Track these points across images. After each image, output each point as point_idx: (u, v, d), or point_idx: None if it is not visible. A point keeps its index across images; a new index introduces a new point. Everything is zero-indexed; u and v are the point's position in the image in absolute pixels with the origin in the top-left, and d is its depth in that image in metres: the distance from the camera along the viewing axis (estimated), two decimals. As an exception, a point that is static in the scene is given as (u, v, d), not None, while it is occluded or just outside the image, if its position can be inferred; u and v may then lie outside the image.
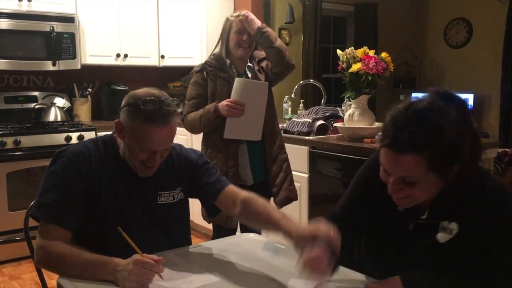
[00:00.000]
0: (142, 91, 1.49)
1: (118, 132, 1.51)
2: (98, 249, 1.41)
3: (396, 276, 1.24)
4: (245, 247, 1.67)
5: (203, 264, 1.51)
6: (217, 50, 2.54)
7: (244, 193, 1.63)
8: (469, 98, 5.67)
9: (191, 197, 1.70)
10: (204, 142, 2.52)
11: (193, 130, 2.50)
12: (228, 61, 2.49)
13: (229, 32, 2.46)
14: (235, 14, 2.48)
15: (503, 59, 5.74)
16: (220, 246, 1.67)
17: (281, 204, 2.52)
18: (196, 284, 1.35)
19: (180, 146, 1.70)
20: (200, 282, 1.36)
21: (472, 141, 1.20)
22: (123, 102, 1.49)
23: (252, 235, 1.81)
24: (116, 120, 1.51)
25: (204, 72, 2.46)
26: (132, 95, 1.49)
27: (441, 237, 1.27)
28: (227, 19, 2.51)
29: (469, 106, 5.64)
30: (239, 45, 2.43)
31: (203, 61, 2.56)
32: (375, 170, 1.31)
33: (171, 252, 1.55)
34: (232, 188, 1.66)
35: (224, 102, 2.33)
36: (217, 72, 2.46)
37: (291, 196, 2.56)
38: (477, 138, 1.26)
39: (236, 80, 2.37)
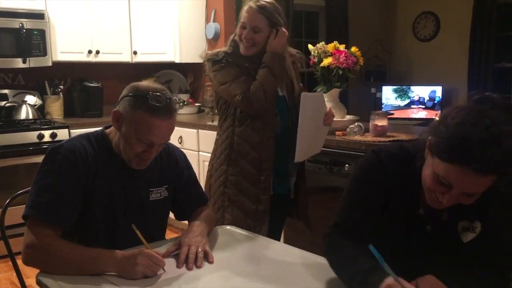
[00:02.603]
0: (146, 84, 1.52)
1: (115, 122, 1.52)
2: (88, 244, 1.42)
3: (428, 275, 1.22)
4: (223, 238, 1.71)
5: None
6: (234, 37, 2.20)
7: (204, 212, 1.72)
8: (438, 90, 5.82)
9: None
10: (229, 137, 2.17)
11: (266, 97, 2.06)
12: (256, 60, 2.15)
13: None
14: (250, 3, 2.13)
15: (469, 52, 5.90)
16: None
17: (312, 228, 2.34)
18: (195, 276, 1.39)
19: (169, 145, 1.72)
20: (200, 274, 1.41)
21: None
22: (124, 92, 1.51)
23: (228, 227, 1.86)
24: (114, 109, 1.51)
25: (230, 65, 2.12)
26: (136, 86, 1.51)
27: (465, 236, 1.30)
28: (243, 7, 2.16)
29: (438, 99, 5.80)
30: (241, 40, 2.12)
31: (220, 49, 2.19)
32: (385, 170, 1.33)
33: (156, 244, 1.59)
34: (202, 207, 1.76)
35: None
36: (240, 62, 2.13)
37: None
38: None
39: (303, 95, 2.07)
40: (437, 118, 1.24)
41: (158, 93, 1.47)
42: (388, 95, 6.11)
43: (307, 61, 2.69)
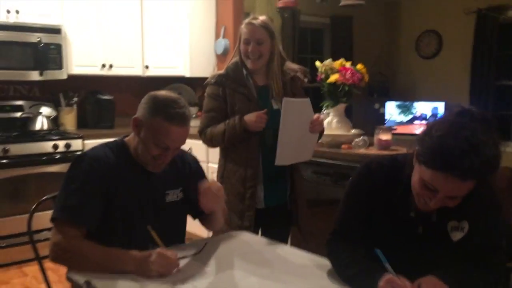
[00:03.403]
0: (162, 92, 1.67)
1: (135, 127, 1.65)
2: (106, 244, 1.54)
3: (429, 276, 1.34)
4: (236, 241, 1.82)
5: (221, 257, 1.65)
6: (236, 58, 2.33)
7: None
8: (440, 106, 5.95)
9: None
10: (223, 157, 2.37)
11: (213, 144, 2.34)
12: (245, 72, 2.29)
13: (240, 40, 2.27)
14: (246, 20, 2.27)
15: (471, 70, 6.04)
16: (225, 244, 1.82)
17: (308, 239, 2.38)
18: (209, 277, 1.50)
19: (183, 152, 1.85)
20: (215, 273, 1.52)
21: None
22: (144, 100, 1.65)
23: (242, 232, 1.97)
24: (134, 116, 1.65)
25: (221, 87, 2.28)
26: (155, 95, 1.65)
27: (454, 235, 1.43)
28: (241, 25, 2.30)
29: (440, 115, 5.92)
30: (247, 57, 2.24)
31: (218, 72, 2.36)
32: (373, 180, 1.49)
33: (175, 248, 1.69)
34: None
35: (253, 117, 2.16)
36: (235, 86, 2.27)
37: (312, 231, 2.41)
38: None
39: (284, 101, 2.13)
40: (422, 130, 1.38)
41: (175, 102, 1.61)
42: (391, 110, 6.24)
43: (312, 76, 2.79)
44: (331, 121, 3.12)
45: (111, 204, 1.63)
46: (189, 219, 1.89)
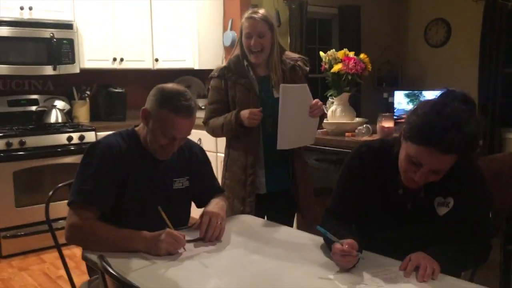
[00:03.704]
0: (169, 85, 1.76)
1: (143, 118, 1.76)
2: (122, 227, 1.64)
3: (419, 251, 1.44)
4: (240, 223, 1.92)
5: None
6: (238, 51, 2.40)
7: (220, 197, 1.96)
8: (449, 94, 5.96)
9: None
10: (227, 146, 2.48)
11: (215, 135, 2.46)
12: (245, 63, 2.36)
13: (242, 34, 2.34)
14: (246, 15, 2.34)
15: (479, 58, 6.04)
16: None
17: (310, 223, 2.40)
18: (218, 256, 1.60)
19: (190, 142, 1.96)
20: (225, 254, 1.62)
21: None
22: (152, 93, 1.75)
23: (246, 216, 2.07)
24: (143, 107, 1.75)
25: (223, 79, 2.37)
26: (162, 87, 1.74)
27: (440, 210, 1.53)
28: (241, 19, 2.38)
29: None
30: (250, 51, 2.31)
31: (221, 65, 2.44)
32: (363, 163, 1.60)
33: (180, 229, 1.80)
34: (218, 195, 1.97)
35: (246, 114, 2.24)
36: (236, 78, 2.34)
37: (316, 216, 2.46)
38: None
39: (281, 87, 2.21)
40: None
41: (181, 95, 1.70)
42: (400, 99, 6.26)
43: (318, 66, 2.84)
44: (335, 110, 3.20)
45: (123, 188, 1.74)
46: (193, 205, 1.99)
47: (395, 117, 3.34)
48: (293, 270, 1.49)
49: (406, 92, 6.27)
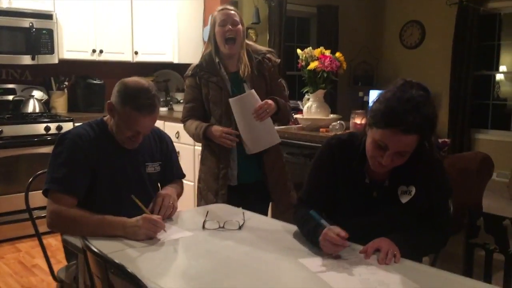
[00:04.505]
0: (133, 80, 1.81)
1: (109, 111, 1.82)
2: (97, 212, 1.70)
3: (380, 238, 1.55)
4: (216, 212, 1.99)
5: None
6: (210, 47, 2.46)
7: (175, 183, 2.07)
8: (421, 95, 6.14)
9: None
10: (203, 144, 2.56)
11: (190, 136, 2.54)
12: (217, 60, 2.42)
13: (214, 27, 2.40)
14: (219, 8, 2.43)
15: (452, 60, 6.24)
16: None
17: (283, 210, 2.52)
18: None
19: (161, 132, 2.06)
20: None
21: None
22: (116, 88, 1.81)
23: (221, 205, 2.15)
24: (108, 101, 1.82)
25: (197, 77, 2.45)
26: (125, 83, 1.80)
27: (403, 198, 1.64)
28: (212, 15, 2.46)
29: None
30: (225, 39, 2.35)
31: (195, 64, 2.51)
32: (332, 154, 1.71)
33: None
34: (176, 181, 2.09)
35: (218, 133, 2.32)
36: (208, 76, 2.42)
37: (292, 202, 2.56)
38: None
39: (230, 101, 2.34)
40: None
41: (143, 92, 1.77)
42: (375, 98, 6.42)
43: (290, 61, 2.91)
44: (311, 106, 3.29)
45: (96, 175, 1.81)
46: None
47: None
48: (264, 254, 1.57)
49: (381, 91, 6.42)
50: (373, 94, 6.42)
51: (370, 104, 1.62)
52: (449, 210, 1.74)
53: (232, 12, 2.40)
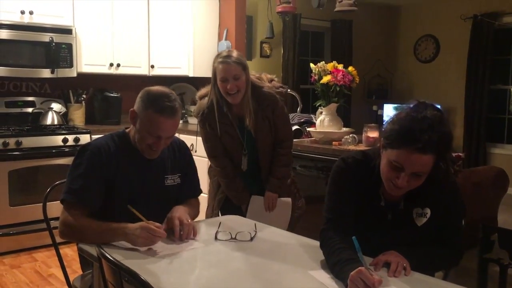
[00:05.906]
0: (155, 87, 1.87)
1: (131, 119, 1.87)
2: (112, 221, 1.74)
3: (392, 251, 1.55)
4: (226, 223, 2.03)
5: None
6: (213, 95, 2.43)
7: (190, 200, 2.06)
8: (436, 109, 6.12)
9: None
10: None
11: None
12: (225, 109, 2.42)
13: (216, 77, 2.37)
14: (219, 59, 2.36)
15: (467, 74, 6.23)
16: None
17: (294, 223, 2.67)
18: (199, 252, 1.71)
19: (182, 142, 2.08)
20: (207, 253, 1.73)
21: None
22: (140, 95, 1.86)
23: (232, 216, 2.18)
24: (131, 109, 1.87)
25: (207, 124, 2.47)
26: (148, 90, 1.86)
27: (419, 221, 1.64)
28: (213, 63, 2.39)
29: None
30: (227, 94, 2.35)
31: (202, 108, 2.49)
32: (352, 173, 1.66)
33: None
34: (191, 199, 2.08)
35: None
36: (218, 122, 2.43)
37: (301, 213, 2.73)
38: None
39: (253, 199, 2.56)
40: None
41: (165, 96, 1.82)
42: (389, 112, 6.42)
43: (304, 75, 2.95)
44: (324, 119, 3.32)
45: (114, 187, 1.85)
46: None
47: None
48: (275, 265, 1.60)
49: (395, 105, 6.43)
50: (387, 108, 6.43)
51: (384, 123, 1.61)
52: (461, 230, 1.72)
53: (233, 64, 2.32)
